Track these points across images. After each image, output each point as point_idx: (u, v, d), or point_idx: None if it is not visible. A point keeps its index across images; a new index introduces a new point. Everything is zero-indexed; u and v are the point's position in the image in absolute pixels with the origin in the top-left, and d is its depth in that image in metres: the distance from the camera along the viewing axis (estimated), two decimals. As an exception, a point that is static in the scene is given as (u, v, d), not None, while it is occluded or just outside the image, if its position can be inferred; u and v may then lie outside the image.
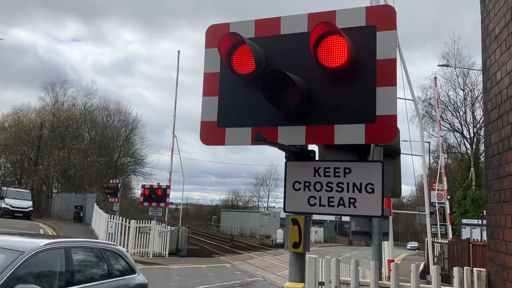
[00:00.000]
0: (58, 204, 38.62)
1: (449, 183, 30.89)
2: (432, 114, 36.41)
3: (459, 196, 33.48)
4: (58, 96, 49.89)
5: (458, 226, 31.41)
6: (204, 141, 3.64)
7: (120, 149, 49.24)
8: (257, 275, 18.04)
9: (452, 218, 32.89)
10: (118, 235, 20.65)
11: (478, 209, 31.19)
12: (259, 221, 53.48)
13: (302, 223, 3.38)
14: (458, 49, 37.58)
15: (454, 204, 33.38)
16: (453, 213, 34.18)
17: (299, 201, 3.45)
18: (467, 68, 36.05)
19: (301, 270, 3.42)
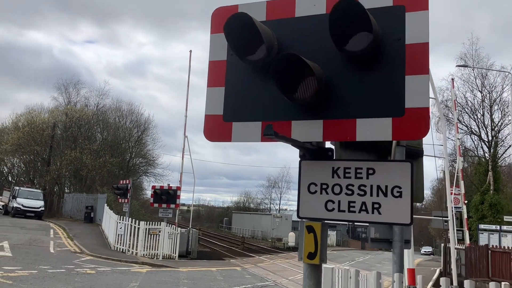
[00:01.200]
0: (70, 204, 38.65)
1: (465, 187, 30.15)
2: (449, 117, 35.60)
3: (476, 201, 32.62)
4: (71, 97, 50.15)
5: (475, 231, 30.57)
6: (208, 136, 3.25)
7: (132, 149, 49.23)
8: (268, 279, 17.60)
9: (469, 223, 32.07)
10: (127, 237, 20.40)
11: (496, 214, 30.31)
12: (271, 223, 52.99)
13: (319, 230, 2.97)
14: (476, 50, 36.66)
15: (471, 208, 32.53)
16: (469, 218, 33.33)
17: (315, 206, 3.04)
18: (485, 68, 35.14)
19: (317, 284, 3.00)
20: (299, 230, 3.08)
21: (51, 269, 13.29)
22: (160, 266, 17.91)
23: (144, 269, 16.51)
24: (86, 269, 14.31)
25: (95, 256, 17.89)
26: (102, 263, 16.28)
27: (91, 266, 15.08)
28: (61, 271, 13.22)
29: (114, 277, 13.67)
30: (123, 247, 20.47)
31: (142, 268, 16.69)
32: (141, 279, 14.11)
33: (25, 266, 13.30)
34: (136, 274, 15.14)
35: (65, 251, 18.44)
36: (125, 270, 15.49)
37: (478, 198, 32.38)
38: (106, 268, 15.23)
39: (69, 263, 15.00)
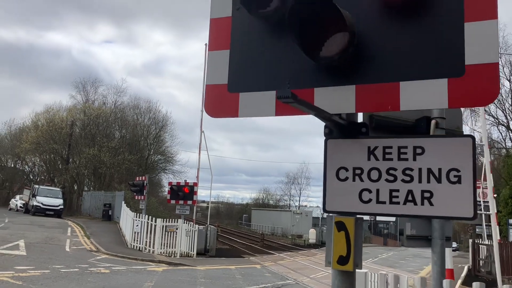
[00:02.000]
0: (88, 202, 38.69)
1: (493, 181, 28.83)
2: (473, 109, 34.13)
3: (505, 195, 31.19)
4: (89, 95, 50.32)
5: (504, 226, 29.31)
6: (210, 111, 2.61)
7: (150, 147, 49.12)
8: (289, 278, 16.94)
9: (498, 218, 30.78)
10: (144, 234, 20.01)
11: (527, 209, 28.96)
12: (291, 220, 52.23)
13: (351, 228, 2.31)
14: (504, 36, 35.00)
15: (500, 203, 31.20)
16: (499, 213, 31.98)
17: (346, 197, 2.38)
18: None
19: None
20: (327, 227, 2.42)
21: (65, 269, 12.91)
22: (177, 265, 17.44)
23: (160, 268, 16.05)
24: (100, 268, 13.90)
25: (111, 254, 17.52)
26: (117, 262, 15.88)
27: (106, 265, 14.68)
28: (74, 271, 12.83)
29: (128, 277, 13.22)
30: (140, 245, 20.09)
31: (158, 267, 16.23)
32: (156, 278, 13.63)
33: (38, 265, 12.95)
34: (152, 273, 14.68)
35: (80, 249, 18.13)
36: (141, 269, 15.05)
37: (508, 192, 30.97)
38: (121, 267, 14.81)
39: (83, 262, 14.62)
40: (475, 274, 21.14)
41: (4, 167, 55.65)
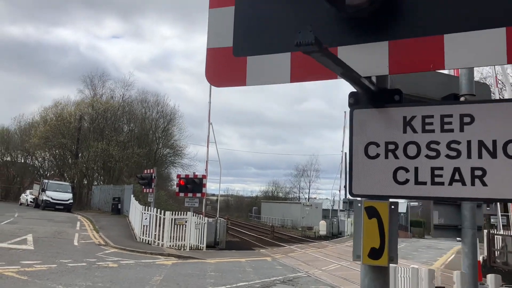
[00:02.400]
0: (97, 196, 38.66)
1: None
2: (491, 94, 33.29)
3: (521, 184, 30.54)
4: (97, 89, 50.16)
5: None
6: (212, 80, 2.21)
7: (159, 140, 48.95)
8: (300, 270, 16.59)
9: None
10: (153, 228, 19.77)
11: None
12: (301, 212, 51.89)
13: (385, 214, 1.91)
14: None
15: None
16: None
17: (378, 177, 1.97)
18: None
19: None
20: (354, 213, 2.02)
21: (72, 263, 12.68)
22: (187, 258, 17.17)
23: (169, 261, 15.79)
24: (108, 263, 13.66)
25: (120, 248, 17.30)
26: (126, 256, 15.65)
27: (114, 259, 14.44)
28: (81, 265, 12.59)
29: (137, 271, 12.96)
30: (149, 239, 19.87)
31: (167, 260, 15.97)
32: (165, 272, 13.36)
33: (45, 260, 12.73)
34: (161, 266, 14.41)
35: (89, 243, 17.94)
36: (150, 263, 14.80)
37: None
38: (129, 261, 14.57)
39: (91, 256, 14.40)
40: (491, 265, 20.63)
41: (15, 162, 55.93)
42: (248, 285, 12.65)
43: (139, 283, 11.11)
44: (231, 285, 12.33)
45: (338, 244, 30.36)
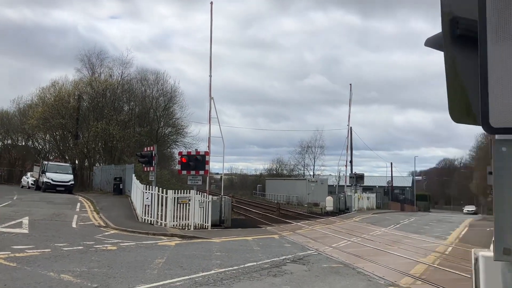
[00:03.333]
0: (99, 177, 37.93)
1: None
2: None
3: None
4: (95, 67, 48.91)
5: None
6: None
7: (160, 119, 47.93)
8: (310, 248, 15.78)
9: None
10: (155, 207, 18.97)
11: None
12: (306, 188, 51.17)
13: None
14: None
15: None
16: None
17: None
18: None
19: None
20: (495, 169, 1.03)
21: (68, 247, 11.88)
22: (191, 238, 16.38)
23: (173, 242, 15.00)
24: (107, 245, 12.86)
25: (120, 229, 16.53)
26: (126, 237, 14.86)
27: (114, 241, 13.64)
28: (78, 249, 11.79)
29: (137, 253, 12.15)
30: (151, 219, 19.09)
31: (170, 241, 15.18)
32: (168, 253, 12.55)
33: (39, 244, 11.94)
34: (164, 248, 13.61)
35: (88, 225, 17.17)
36: (152, 244, 14.00)
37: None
38: (130, 242, 13.77)
39: (89, 239, 13.61)
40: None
41: (16, 145, 55.24)
42: (257, 265, 11.83)
43: (139, 267, 10.30)
44: (238, 266, 11.51)
45: (346, 219, 29.62)
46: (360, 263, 12.97)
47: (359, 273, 11.44)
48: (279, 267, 11.83)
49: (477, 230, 24.46)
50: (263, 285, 9.47)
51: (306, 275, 10.83)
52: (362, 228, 23.83)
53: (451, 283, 10.66)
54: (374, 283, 10.30)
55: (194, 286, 8.94)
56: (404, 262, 13.57)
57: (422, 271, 12.00)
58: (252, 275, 10.41)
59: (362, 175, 43.02)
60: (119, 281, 8.78)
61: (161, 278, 9.40)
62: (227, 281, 9.57)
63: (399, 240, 18.80)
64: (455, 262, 13.66)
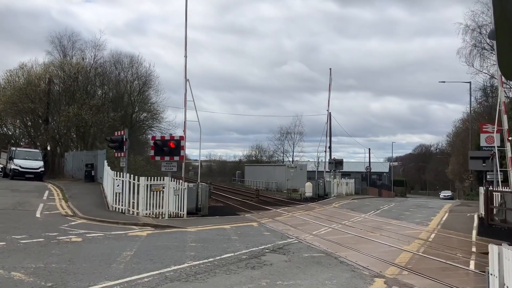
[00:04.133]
0: (70, 164, 36.45)
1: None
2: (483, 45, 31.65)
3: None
4: (67, 50, 46.82)
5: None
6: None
7: (135, 103, 46.40)
8: (290, 236, 15.10)
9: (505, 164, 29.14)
10: (126, 195, 17.95)
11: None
12: (285, 174, 50.69)
13: None
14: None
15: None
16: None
17: None
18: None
19: None
20: None
21: (26, 239, 10.85)
22: (165, 227, 15.48)
23: (144, 232, 14.08)
24: (71, 237, 11.86)
25: (89, 219, 15.49)
26: (94, 228, 13.86)
27: (80, 232, 12.64)
28: (37, 241, 10.76)
29: (104, 245, 11.21)
30: (123, 207, 18.06)
31: (142, 231, 14.25)
32: (138, 245, 11.65)
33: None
34: (134, 238, 12.70)
35: (54, 215, 16.06)
36: (121, 235, 13.05)
37: (521, 135, 28.98)
38: (97, 233, 12.79)
39: (52, 230, 12.57)
40: (489, 223, 19.55)
41: (-16, 131, 52.86)
42: (234, 256, 11.06)
43: (105, 261, 9.38)
44: (214, 257, 10.70)
45: (326, 205, 29.16)
46: (342, 251, 12.35)
47: (342, 263, 10.79)
48: (258, 257, 11.09)
49: (457, 215, 24.24)
50: (241, 279, 8.69)
51: (287, 267, 10.11)
52: (342, 214, 23.34)
53: (438, 272, 10.12)
54: (358, 274, 9.66)
55: (164, 282, 8.09)
56: (388, 250, 13.02)
57: (407, 260, 11.45)
58: (229, 268, 9.63)
59: (341, 161, 42.65)
60: (79, 278, 7.85)
61: (128, 273, 8.51)
62: (201, 276, 8.76)
63: (381, 227, 18.32)
64: (440, 249, 13.20)
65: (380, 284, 8.86)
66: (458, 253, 12.59)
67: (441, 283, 9.07)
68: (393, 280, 9.23)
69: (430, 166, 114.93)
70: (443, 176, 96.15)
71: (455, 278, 9.52)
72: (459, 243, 14.57)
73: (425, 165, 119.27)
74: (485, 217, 20.27)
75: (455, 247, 13.63)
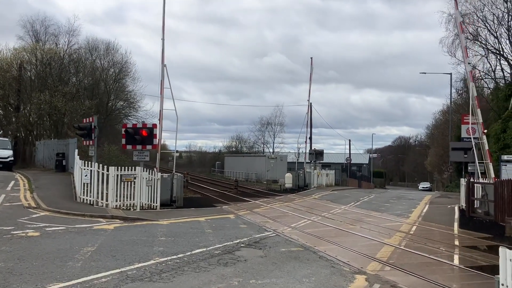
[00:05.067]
0: (41, 153, 34.97)
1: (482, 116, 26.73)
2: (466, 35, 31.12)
3: (497, 129, 29.14)
4: (39, 35, 44.92)
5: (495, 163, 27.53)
6: None
7: (111, 91, 44.90)
8: (268, 228, 14.41)
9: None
10: (95, 186, 16.95)
11: (522, 143, 27.05)
12: (265, 165, 50.03)
13: None
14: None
15: (491, 139, 29.28)
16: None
17: None
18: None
19: None
20: None
21: (-25, 234, 9.85)
22: (135, 220, 14.59)
23: (112, 225, 13.17)
24: (28, 231, 10.90)
25: (53, 211, 14.48)
26: (57, 221, 12.89)
27: (39, 226, 11.67)
28: (-13, 236, 9.79)
29: (63, 240, 10.28)
30: (91, 199, 17.06)
31: (109, 224, 13.34)
32: (102, 239, 10.76)
33: None
34: (99, 232, 11.79)
35: (14, 206, 14.98)
36: (85, 228, 12.12)
37: (499, 127, 28.92)
38: (59, 226, 11.85)
39: (9, 223, 11.58)
40: (470, 215, 19.23)
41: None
42: (206, 251, 10.29)
43: (60, 259, 8.49)
44: (184, 253, 9.92)
45: (306, 197, 28.60)
46: (321, 245, 11.72)
47: (321, 258, 10.14)
48: (231, 253, 10.34)
49: (437, 207, 23.95)
50: (210, 277, 7.93)
51: (262, 263, 9.39)
52: (322, 206, 22.79)
53: (421, 268, 9.56)
54: (338, 270, 9.01)
55: (124, 282, 7.26)
56: (369, 244, 12.45)
57: (389, 255, 10.88)
58: (199, 265, 8.86)
59: (321, 151, 42.12)
60: (25, 280, 6.96)
61: (84, 272, 7.65)
62: (167, 274, 7.96)
63: (361, 219, 17.80)
64: (422, 243, 12.70)
65: (361, 282, 8.22)
66: (441, 247, 12.09)
67: (426, 280, 8.49)
68: (375, 277, 8.61)
69: (409, 158, 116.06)
70: (422, 168, 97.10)
71: (440, 275, 8.97)
72: (441, 236, 14.10)
73: (404, 157, 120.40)
74: (466, 209, 19.96)
75: (438, 240, 13.15)
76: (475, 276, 9.17)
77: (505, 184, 17.23)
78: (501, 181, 17.78)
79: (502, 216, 16.76)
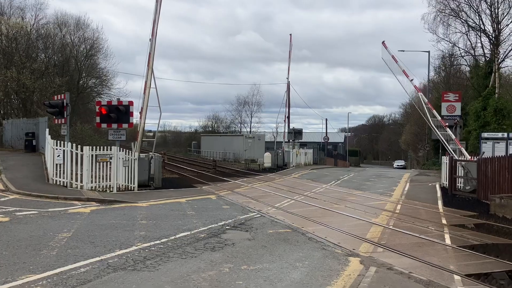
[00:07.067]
0: (10, 132, 33.39)
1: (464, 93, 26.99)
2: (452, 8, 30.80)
3: (477, 107, 29.26)
4: (4, 8, 42.53)
5: (473, 141, 27.76)
6: None
7: (82, 69, 43.12)
8: (251, 209, 13.94)
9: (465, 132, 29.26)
10: (68, 166, 16.04)
11: (501, 120, 27.20)
12: (243, 145, 49.49)
13: None
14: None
15: (471, 116, 29.43)
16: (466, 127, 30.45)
17: None
18: None
19: None
20: None
21: None
22: (112, 202, 13.84)
23: (88, 208, 12.42)
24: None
25: (23, 194, 13.60)
26: (28, 204, 12.05)
27: (8, 210, 10.84)
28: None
29: (36, 226, 9.52)
30: (65, 180, 16.16)
31: (85, 207, 12.58)
32: (78, 224, 10.04)
33: None
34: (74, 216, 11.04)
35: (-20, 190, 14.04)
36: (59, 212, 11.34)
37: (480, 104, 29.02)
38: (31, 211, 11.04)
39: (-26, 208, 10.70)
40: (452, 193, 19.23)
41: None
42: (191, 235, 9.73)
43: (33, 246, 7.77)
44: (168, 237, 9.34)
45: (285, 176, 28.28)
46: (309, 226, 11.32)
47: (311, 240, 9.74)
48: (218, 236, 9.82)
49: (418, 185, 23.97)
50: (199, 264, 7.38)
51: (251, 246, 8.91)
52: (303, 185, 22.48)
53: (414, 249, 9.27)
54: (330, 253, 8.61)
55: (105, 272, 6.62)
56: (357, 223, 12.13)
57: (379, 235, 10.56)
58: (185, 250, 8.29)
59: (300, 130, 41.85)
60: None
61: (60, 262, 6.98)
62: (152, 262, 7.37)
63: (344, 198, 17.54)
64: (410, 222, 12.49)
65: (356, 265, 7.83)
66: (430, 226, 11.88)
67: (422, 262, 8.18)
68: (369, 259, 8.24)
69: (383, 136, 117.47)
70: (395, 146, 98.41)
71: (434, 256, 8.68)
72: (428, 215, 13.93)
73: (378, 136, 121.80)
74: (448, 187, 19.96)
75: (425, 219, 12.95)
76: (469, 256, 8.94)
77: (489, 162, 17.20)
78: (484, 159, 17.73)
79: (485, 193, 16.76)
